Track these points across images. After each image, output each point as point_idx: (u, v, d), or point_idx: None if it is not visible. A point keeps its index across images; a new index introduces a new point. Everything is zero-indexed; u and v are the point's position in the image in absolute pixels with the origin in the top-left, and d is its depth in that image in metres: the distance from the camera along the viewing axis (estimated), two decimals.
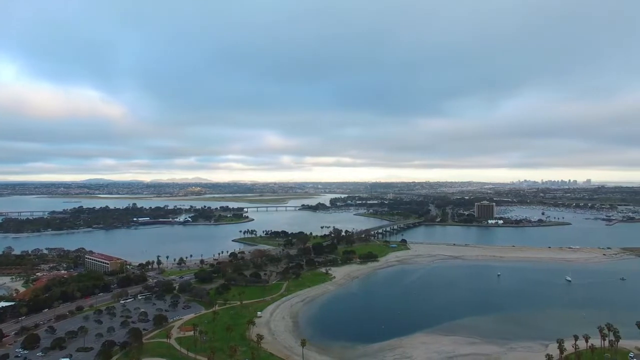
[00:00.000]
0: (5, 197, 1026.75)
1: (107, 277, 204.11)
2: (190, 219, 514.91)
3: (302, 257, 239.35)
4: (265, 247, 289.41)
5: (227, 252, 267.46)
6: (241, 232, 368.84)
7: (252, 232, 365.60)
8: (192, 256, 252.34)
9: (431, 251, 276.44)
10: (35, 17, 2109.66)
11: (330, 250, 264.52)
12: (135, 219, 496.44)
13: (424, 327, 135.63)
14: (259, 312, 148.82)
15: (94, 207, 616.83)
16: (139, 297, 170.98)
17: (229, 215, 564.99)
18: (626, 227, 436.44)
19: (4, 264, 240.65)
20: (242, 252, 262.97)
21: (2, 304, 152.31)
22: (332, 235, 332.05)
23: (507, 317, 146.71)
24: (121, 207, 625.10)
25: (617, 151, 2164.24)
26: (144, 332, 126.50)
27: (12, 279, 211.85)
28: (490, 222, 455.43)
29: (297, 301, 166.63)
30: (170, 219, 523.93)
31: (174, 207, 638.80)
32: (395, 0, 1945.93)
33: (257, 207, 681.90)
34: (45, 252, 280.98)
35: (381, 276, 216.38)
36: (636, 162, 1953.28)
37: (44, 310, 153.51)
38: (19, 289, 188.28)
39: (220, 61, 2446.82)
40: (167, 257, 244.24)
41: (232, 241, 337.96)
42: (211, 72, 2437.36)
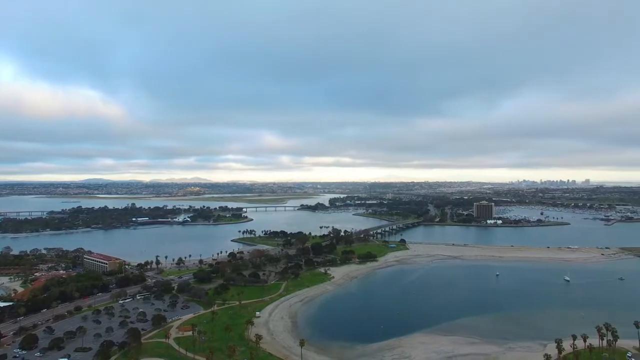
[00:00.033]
0: (3, 197, 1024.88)
1: (106, 277, 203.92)
2: (189, 219, 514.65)
3: (301, 257, 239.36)
4: (264, 247, 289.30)
5: (226, 252, 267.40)
6: (240, 232, 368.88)
7: (251, 232, 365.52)
8: (191, 256, 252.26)
9: (430, 251, 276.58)
10: (34, 17, 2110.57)
11: (329, 250, 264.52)
12: (134, 219, 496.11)
13: (423, 327, 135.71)
14: (257, 312, 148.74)
15: (93, 207, 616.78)
16: (138, 297, 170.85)
17: (228, 215, 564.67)
18: (625, 227, 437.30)
19: (2, 264, 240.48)
20: (241, 252, 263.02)
21: (1, 304, 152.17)
22: (331, 235, 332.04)
23: (506, 317, 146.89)
24: (120, 207, 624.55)
25: (616, 151, 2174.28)
26: (143, 332, 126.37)
27: (10, 279, 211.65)
28: (489, 222, 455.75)
29: (295, 301, 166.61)
30: (169, 219, 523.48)
31: (173, 207, 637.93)
32: (395, 0, 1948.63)
33: (256, 207, 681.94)
34: (43, 252, 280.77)
35: (380, 276, 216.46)
36: (635, 162, 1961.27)
37: (43, 310, 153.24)
38: (17, 289, 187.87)
39: (219, 61, 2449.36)
40: (166, 257, 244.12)
41: (231, 241, 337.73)
42: (210, 72, 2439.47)
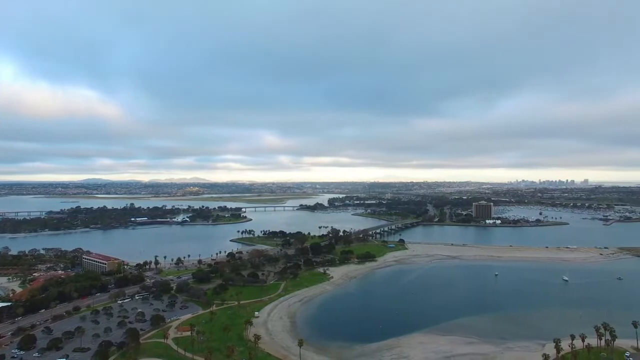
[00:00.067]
0: (2, 197, 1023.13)
1: (105, 277, 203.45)
2: (188, 219, 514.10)
3: (300, 257, 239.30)
4: (263, 247, 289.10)
5: (225, 252, 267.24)
6: (239, 232, 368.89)
7: (250, 232, 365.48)
8: (189, 256, 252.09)
9: (429, 251, 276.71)
10: (33, 17, 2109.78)
11: (328, 250, 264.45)
12: (133, 219, 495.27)
13: (422, 327, 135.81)
14: (256, 312, 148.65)
15: (92, 207, 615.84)
16: (137, 297, 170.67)
17: (227, 215, 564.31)
18: (623, 226, 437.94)
19: (0, 264, 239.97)
20: (240, 252, 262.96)
21: None
22: (330, 235, 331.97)
23: (505, 316, 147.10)
24: (119, 207, 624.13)
25: (615, 151, 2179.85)
26: (141, 332, 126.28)
27: (8, 279, 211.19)
28: (488, 222, 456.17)
29: (294, 301, 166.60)
30: (168, 219, 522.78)
31: (172, 207, 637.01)
32: (394, 0, 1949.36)
33: (255, 207, 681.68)
34: (42, 252, 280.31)
35: (379, 276, 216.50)
36: (633, 162, 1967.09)
37: (41, 310, 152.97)
38: (15, 290, 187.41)
39: (218, 61, 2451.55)
40: (165, 257, 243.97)
41: (230, 241, 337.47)
42: (210, 72, 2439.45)
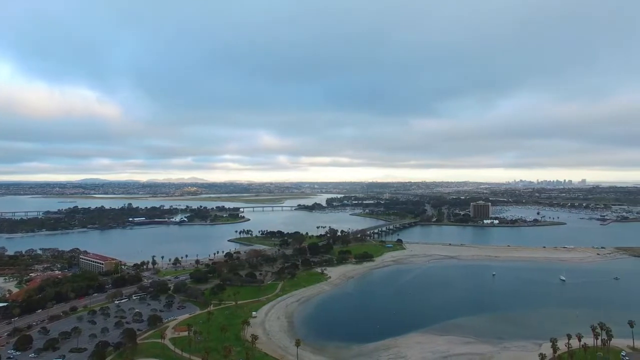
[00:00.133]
0: None
1: (102, 277, 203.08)
2: (186, 219, 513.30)
3: (298, 257, 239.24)
4: (261, 247, 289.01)
5: (223, 252, 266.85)
6: (237, 232, 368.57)
7: (248, 232, 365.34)
8: (187, 256, 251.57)
9: (427, 251, 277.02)
10: (30, 16, 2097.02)
11: (326, 250, 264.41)
12: (130, 219, 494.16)
13: (419, 326, 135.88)
14: (254, 312, 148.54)
15: (89, 207, 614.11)
16: (134, 298, 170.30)
17: (225, 215, 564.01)
18: (620, 226, 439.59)
19: None
20: (238, 252, 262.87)
21: None
22: (328, 235, 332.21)
23: (502, 316, 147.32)
24: (117, 207, 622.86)
25: (613, 151, 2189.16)
26: (138, 332, 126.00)
27: (5, 279, 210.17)
28: (485, 222, 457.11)
29: (292, 301, 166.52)
30: (166, 219, 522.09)
31: (169, 207, 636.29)
32: (394, 0, 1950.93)
33: (253, 207, 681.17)
34: (39, 252, 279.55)
35: (377, 276, 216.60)
36: (630, 162, 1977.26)
37: (38, 311, 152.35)
38: (12, 290, 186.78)
39: (217, 61, 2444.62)
40: (163, 257, 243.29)
41: (228, 241, 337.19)
42: (208, 71, 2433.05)
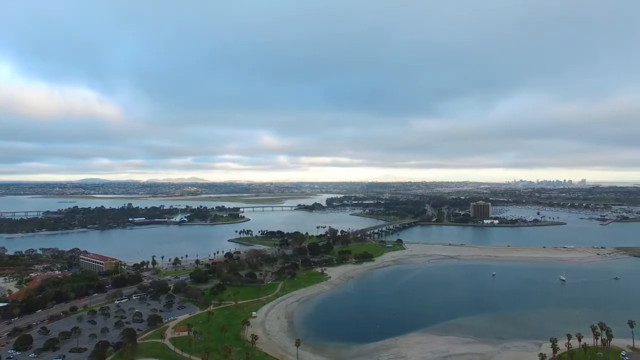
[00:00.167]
0: None
1: (102, 277, 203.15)
2: (186, 219, 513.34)
3: (298, 257, 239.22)
4: (261, 247, 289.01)
5: (223, 252, 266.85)
6: (237, 232, 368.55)
7: (248, 232, 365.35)
8: (187, 256, 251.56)
9: (427, 251, 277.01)
10: (30, 16, 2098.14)
11: (326, 250, 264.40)
12: (130, 219, 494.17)
13: (419, 326, 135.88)
14: (253, 312, 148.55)
15: (89, 207, 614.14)
16: (134, 298, 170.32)
17: (225, 215, 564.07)
18: (620, 226, 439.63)
19: None
20: (238, 252, 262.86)
21: None
22: (328, 235, 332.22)
23: (502, 316, 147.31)
24: (117, 207, 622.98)
25: (612, 151, 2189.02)
26: (138, 332, 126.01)
27: (5, 279, 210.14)
28: (485, 222, 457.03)
29: (292, 301, 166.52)
30: (166, 219, 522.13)
31: (169, 207, 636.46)
32: (394, 0, 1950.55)
33: (253, 207, 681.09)
34: (39, 252, 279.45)
35: (377, 276, 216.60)
36: (630, 162, 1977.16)
37: (37, 311, 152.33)
38: (12, 290, 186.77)
39: (217, 61, 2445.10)
40: (163, 257, 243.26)
41: (228, 241, 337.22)
42: (208, 71, 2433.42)
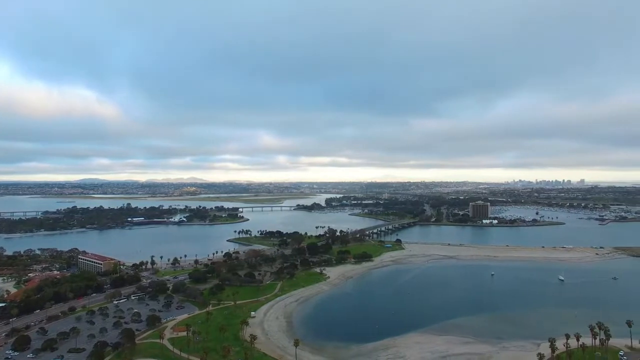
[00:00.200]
0: None
1: (101, 277, 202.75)
2: (185, 219, 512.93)
3: (297, 257, 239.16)
4: (259, 247, 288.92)
5: (222, 252, 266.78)
6: (236, 232, 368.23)
7: (247, 232, 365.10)
8: (186, 256, 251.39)
9: (426, 251, 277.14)
10: (30, 16, 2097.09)
11: (324, 250, 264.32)
12: (129, 219, 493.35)
13: (418, 326, 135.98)
14: (252, 312, 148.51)
15: (88, 207, 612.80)
16: (133, 298, 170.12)
17: (224, 215, 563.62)
18: (619, 226, 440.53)
19: None
20: (237, 252, 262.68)
21: None
22: (327, 235, 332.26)
23: (501, 316, 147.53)
24: (115, 207, 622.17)
25: (611, 151, 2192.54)
26: (137, 332, 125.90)
27: (3, 279, 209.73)
28: (484, 222, 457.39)
29: (291, 301, 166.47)
30: (165, 219, 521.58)
31: (168, 207, 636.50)
32: (394, 0, 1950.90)
33: (253, 207, 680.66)
34: (37, 252, 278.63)
35: (375, 276, 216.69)
36: (629, 162, 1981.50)
37: (36, 311, 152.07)
38: (10, 290, 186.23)
39: (217, 61, 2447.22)
40: (161, 258, 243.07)
41: (227, 241, 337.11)
42: (207, 71, 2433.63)
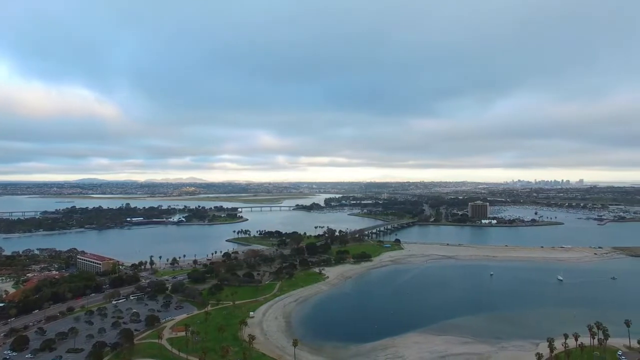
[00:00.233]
0: None
1: (99, 277, 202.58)
2: (184, 219, 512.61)
3: (296, 257, 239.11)
4: (258, 247, 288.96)
5: (221, 252, 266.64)
6: (235, 232, 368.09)
7: (246, 232, 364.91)
8: (185, 256, 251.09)
9: (425, 251, 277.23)
10: (30, 16, 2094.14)
11: (323, 250, 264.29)
12: (128, 219, 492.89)
13: (417, 326, 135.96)
14: (251, 312, 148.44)
15: (87, 207, 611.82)
16: (131, 298, 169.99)
17: (223, 215, 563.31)
18: (617, 226, 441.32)
19: None
20: (236, 252, 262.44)
21: None
22: (326, 235, 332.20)
23: (499, 316, 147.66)
24: (114, 207, 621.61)
25: (610, 151, 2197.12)
26: (136, 332, 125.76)
27: (2, 280, 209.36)
28: (483, 222, 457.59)
29: (290, 301, 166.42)
30: (164, 219, 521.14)
31: (167, 207, 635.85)
32: (394, 0, 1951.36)
33: (252, 207, 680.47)
34: (36, 252, 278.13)
35: (374, 276, 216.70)
36: (628, 162, 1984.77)
37: (34, 311, 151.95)
38: (8, 290, 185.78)
39: (217, 61, 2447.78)
40: (160, 258, 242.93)
41: (226, 241, 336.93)
42: (207, 71, 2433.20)
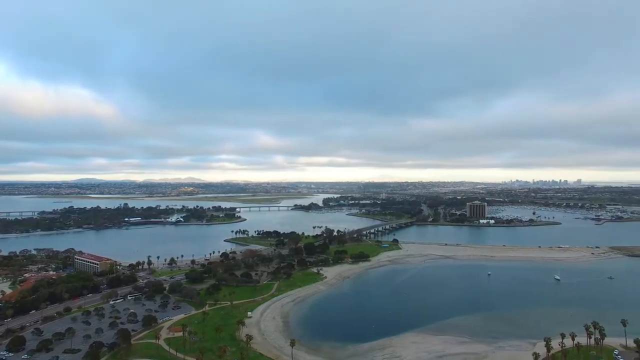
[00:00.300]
0: None
1: (97, 277, 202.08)
2: (182, 219, 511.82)
3: (294, 257, 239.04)
4: (257, 247, 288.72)
5: (219, 252, 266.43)
6: (233, 232, 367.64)
7: (244, 232, 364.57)
8: (183, 256, 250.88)
9: (423, 251, 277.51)
10: (30, 16, 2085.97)
11: (322, 250, 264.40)
12: (126, 219, 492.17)
13: (415, 326, 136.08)
14: (249, 313, 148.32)
15: (85, 207, 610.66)
16: (129, 298, 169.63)
17: (221, 215, 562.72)
18: (615, 226, 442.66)
19: None
20: (234, 252, 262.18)
21: None
22: (324, 235, 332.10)
23: (497, 316, 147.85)
24: (112, 207, 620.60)
25: (608, 151, 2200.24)
26: (133, 333, 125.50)
27: None
28: (481, 221, 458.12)
29: (287, 301, 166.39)
30: (162, 219, 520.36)
31: (166, 207, 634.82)
32: (394, 0, 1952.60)
33: (250, 207, 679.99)
34: (33, 252, 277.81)
35: (372, 276, 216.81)
36: (625, 162, 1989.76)
37: (31, 311, 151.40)
38: (5, 291, 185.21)
39: (216, 61, 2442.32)
40: (158, 258, 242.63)
41: (224, 241, 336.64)
42: (205, 71, 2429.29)
